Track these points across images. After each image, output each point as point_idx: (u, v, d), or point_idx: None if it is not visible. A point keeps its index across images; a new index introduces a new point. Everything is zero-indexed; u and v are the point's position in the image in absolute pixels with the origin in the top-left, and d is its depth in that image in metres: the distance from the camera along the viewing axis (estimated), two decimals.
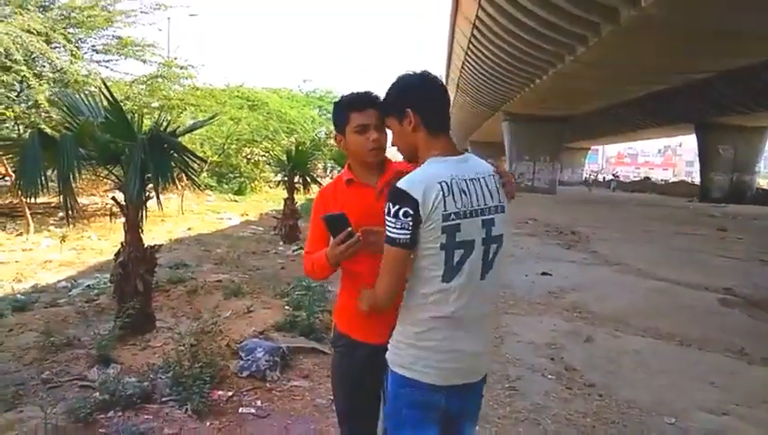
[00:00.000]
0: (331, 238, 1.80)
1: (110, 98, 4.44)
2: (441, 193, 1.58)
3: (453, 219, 1.59)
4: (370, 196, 1.92)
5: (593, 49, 15.85)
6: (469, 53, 25.31)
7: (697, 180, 34.59)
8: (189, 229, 11.45)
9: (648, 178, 57.61)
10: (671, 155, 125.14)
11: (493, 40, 20.73)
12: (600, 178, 61.61)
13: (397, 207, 1.57)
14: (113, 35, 14.68)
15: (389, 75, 1.80)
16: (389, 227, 1.60)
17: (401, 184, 1.59)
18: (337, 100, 2.03)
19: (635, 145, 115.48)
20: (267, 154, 20.81)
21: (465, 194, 1.62)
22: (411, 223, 1.57)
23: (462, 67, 29.34)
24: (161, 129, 4.72)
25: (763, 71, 17.79)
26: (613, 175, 60.01)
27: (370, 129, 1.91)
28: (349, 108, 1.93)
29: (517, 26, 17.49)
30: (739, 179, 28.08)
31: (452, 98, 44.09)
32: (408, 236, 1.58)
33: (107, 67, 15.10)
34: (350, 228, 1.75)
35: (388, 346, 1.77)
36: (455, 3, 22.73)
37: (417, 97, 1.72)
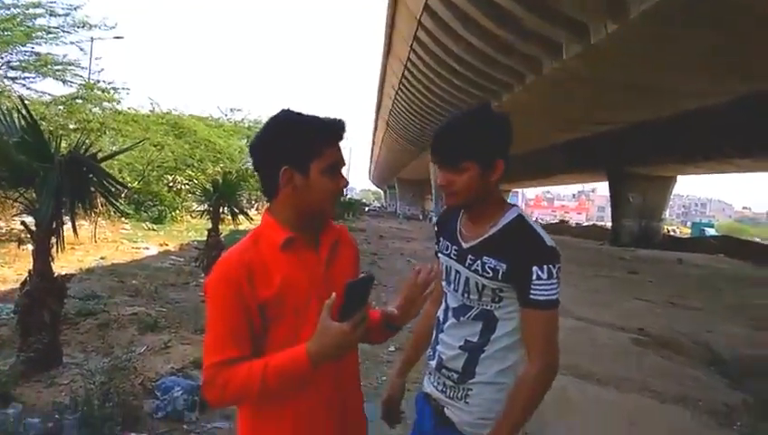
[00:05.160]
0: (327, 323, 1.18)
1: (28, 117, 4.20)
2: None
3: None
4: (314, 261, 1.37)
5: (517, 96, 16.63)
6: (400, 93, 25.95)
7: (609, 225, 36.48)
8: (102, 259, 10.82)
9: (563, 221, 60.42)
10: (585, 200, 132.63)
11: (423, 81, 21.41)
12: None
13: (558, 266, 1.44)
14: (32, 52, 13.98)
15: (318, 107, 1.42)
16: (551, 289, 1.42)
17: (550, 242, 1.46)
18: (289, 118, 1.36)
19: (552, 189, 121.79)
20: (191, 182, 20.18)
21: None
22: None
23: (392, 106, 30.02)
24: (81, 151, 4.48)
25: (670, 124, 19.21)
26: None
27: (340, 170, 1.38)
28: (324, 136, 1.33)
29: (446, 70, 18.18)
30: (647, 225, 29.80)
31: (381, 135, 44.88)
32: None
33: (23, 85, 14.32)
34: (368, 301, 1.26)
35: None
36: (387, 43, 23.34)
37: (507, 147, 1.51)
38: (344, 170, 1.41)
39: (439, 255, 1.69)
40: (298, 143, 1.31)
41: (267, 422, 1.35)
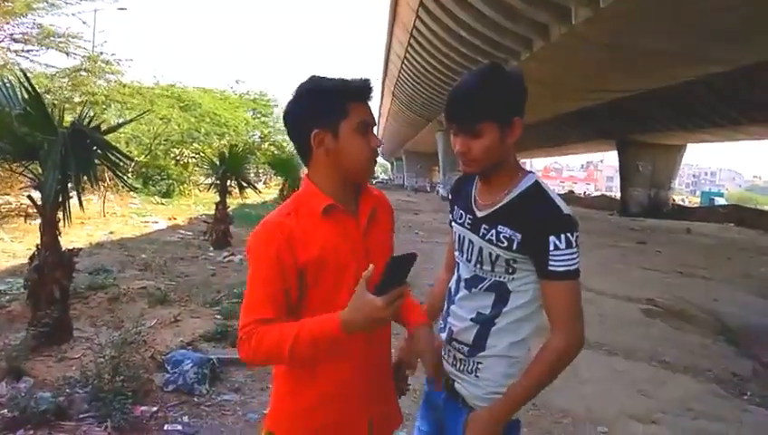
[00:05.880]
0: (362, 294, 1.16)
1: (30, 88, 4.14)
2: None
3: None
4: (353, 228, 1.37)
5: (525, 64, 16.35)
6: (406, 62, 25.64)
7: (617, 195, 36.28)
8: (112, 233, 10.86)
9: (571, 192, 60.07)
10: (593, 170, 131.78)
11: (429, 50, 21.12)
12: None
13: (576, 234, 1.36)
14: (34, 23, 13.84)
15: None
16: (571, 258, 1.35)
17: (567, 209, 1.39)
18: (313, 82, 1.37)
19: (560, 160, 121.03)
20: (198, 156, 20.14)
21: None
22: None
23: (398, 76, 29.69)
24: (85, 123, 4.43)
25: (679, 92, 18.93)
26: None
27: (371, 130, 1.38)
28: (349, 96, 1.33)
29: (453, 38, 17.90)
30: (656, 195, 29.64)
31: (388, 106, 44.50)
32: None
33: (26, 57, 14.21)
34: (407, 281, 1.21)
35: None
36: (393, 10, 22.97)
37: (523, 104, 1.44)
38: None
39: (453, 224, 1.63)
40: (323, 104, 1.31)
41: (301, 384, 1.37)
